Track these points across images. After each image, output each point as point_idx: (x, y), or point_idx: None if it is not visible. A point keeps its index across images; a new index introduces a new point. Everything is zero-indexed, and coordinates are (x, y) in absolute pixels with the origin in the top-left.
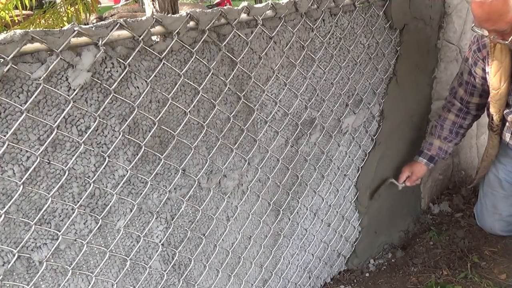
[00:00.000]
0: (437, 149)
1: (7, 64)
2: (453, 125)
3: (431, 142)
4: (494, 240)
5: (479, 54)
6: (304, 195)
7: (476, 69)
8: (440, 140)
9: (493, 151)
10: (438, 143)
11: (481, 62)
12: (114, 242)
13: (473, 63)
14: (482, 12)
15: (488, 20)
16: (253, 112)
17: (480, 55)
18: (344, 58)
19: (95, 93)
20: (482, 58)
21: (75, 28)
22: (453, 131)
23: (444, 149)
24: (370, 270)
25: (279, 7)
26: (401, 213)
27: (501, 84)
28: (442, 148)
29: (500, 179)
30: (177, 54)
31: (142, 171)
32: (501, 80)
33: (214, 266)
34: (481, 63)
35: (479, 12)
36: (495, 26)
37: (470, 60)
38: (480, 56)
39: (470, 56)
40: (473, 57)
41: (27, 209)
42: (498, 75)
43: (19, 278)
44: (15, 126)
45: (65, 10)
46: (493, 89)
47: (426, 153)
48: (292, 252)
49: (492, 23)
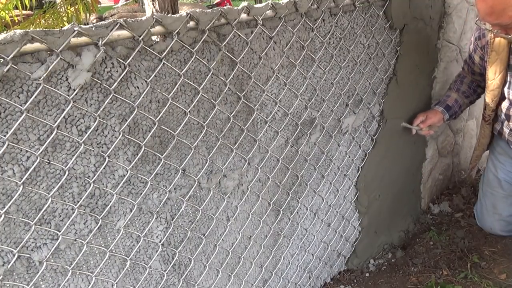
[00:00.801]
0: (454, 101)
1: (7, 64)
2: (472, 83)
3: (449, 94)
4: (494, 240)
5: (478, 42)
6: (304, 195)
7: (475, 56)
8: (458, 94)
9: (485, 140)
10: (456, 96)
11: (479, 50)
12: (114, 242)
13: (473, 50)
14: (485, 6)
15: (491, 14)
16: (253, 112)
17: (479, 43)
18: (344, 58)
19: (95, 93)
20: (481, 47)
21: (75, 28)
22: (471, 87)
23: (459, 103)
24: (370, 270)
25: (279, 7)
26: (401, 213)
27: (495, 75)
28: (458, 101)
29: (500, 179)
30: (177, 54)
31: (142, 171)
32: (496, 71)
33: (214, 266)
34: (480, 51)
35: (483, 6)
36: (498, 20)
37: (471, 45)
38: (479, 44)
39: (471, 42)
40: (474, 44)
41: (27, 209)
42: (494, 66)
43: (19, 278)
44: (15, 126)
45: (65, 10)
46: (488, 79)
47: (443, 101)
48: (292, 252)
49: (496, 17)
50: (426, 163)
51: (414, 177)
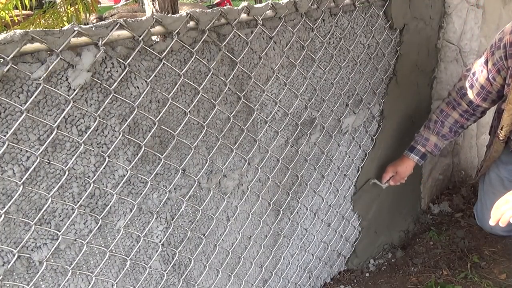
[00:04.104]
0: (433, 146)
1: (7, 64)
2: (455, 124)
3: (427, 137)
4: (494, 240)
5: (505, 62)
6: (304, 195)
7: (498, 77)
8: (437, 137)
9: (496, 154)
10: (435, 140)
11: (505, 71)
12: (114, 242)
13: (496, 70)
14: None
15: None
16: (253, 112)
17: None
18: (344, 58)
19: (95, 93)
20: (507, 67)
21: (75, 28)
22: (453, 129)
23: (439, 147)
24: (370, 270)
25: (279, 7)
26: (401, 213)
27: None
28: (438, 145)
29: (502, 178)
30: (177, 54)
31: (142, 171)
32: None
33: (214, 266)
34: (505, 72)
35: None
36: None
37: (492, 65)
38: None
39: (492, 61)
40: (498, 63)
41: (27, 209)
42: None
43: (19, 278)
44: (15, 126)
45: (65, 10)
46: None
47: (419, 150)
48: (292, 252)
49: None
50: (426, 163)
51: (414, 177)
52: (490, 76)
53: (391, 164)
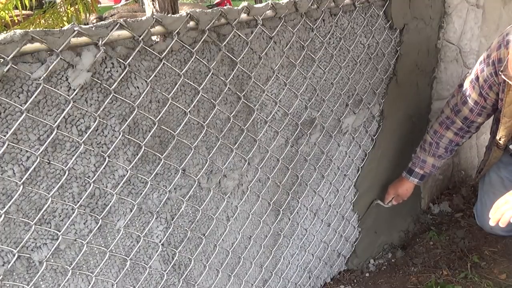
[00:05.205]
0: (431, 167)
1: (7, 64)
2: (450, 143)
3: (424, 159)
4: (494, 240)
5: (496, 78)
6: (304, 195)
7: (490, 93)
8: (434, 158)
9: (496, 160)
10: (432, 161)
11: (497, 86)
12: (114, 242)
13: (488, 86)
14: None
15: None
16: (253, 112)
17: (497, 80)
18: (344, 58)
19: (95, 93)
20: (498, 83)
21: (75, 28)
22: (449, 149)
23: (437, 166)
24: (370, 270)
25: (279, 7)
26: (401, 213)
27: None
28: (435, 165)
29: (503, 178)
30: (177, 54)
31: (142, 171)
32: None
33: (214, 266)
34: (497, 88)
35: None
36: None
37: (484, 82)
38: (497, 80)
39: (482, 77)
40: (489, 80)
41: (27, 209)
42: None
43: (19, 278)
44: (15, 126)
45: (65, 10)
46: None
47: (418, 172)
48: (292, 252)
49: None
50: None
51: None
52: (483, 92)
53: (392, 185)
